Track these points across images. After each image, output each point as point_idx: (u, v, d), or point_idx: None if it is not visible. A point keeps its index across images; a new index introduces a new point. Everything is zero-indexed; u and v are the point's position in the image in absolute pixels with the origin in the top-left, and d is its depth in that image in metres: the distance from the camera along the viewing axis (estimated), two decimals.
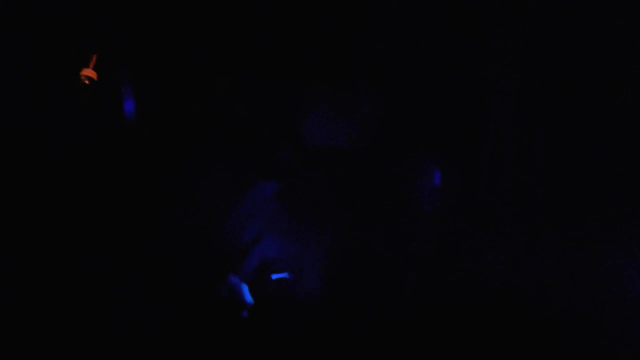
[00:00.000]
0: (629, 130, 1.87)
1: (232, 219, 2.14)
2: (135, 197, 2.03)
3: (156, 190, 2.08)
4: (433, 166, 2.17)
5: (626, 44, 1.90)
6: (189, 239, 2.05)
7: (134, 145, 2.12)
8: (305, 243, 2.17)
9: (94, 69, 2.05)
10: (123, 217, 1.97)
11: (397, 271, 2.14)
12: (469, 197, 2.14)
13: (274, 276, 2.15)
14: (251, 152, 2.20)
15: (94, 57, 2.05)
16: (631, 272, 1.75)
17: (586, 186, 1.93)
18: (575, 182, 1.95)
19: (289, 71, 2.16)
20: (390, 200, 2.18)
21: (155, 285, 1.94)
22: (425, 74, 2.19)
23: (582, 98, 1.98)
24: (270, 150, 2.23)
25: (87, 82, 2.03)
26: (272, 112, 2.23)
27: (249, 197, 2.16)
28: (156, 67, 2.14)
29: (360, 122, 2.19)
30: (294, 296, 2.12)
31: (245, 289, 2.04)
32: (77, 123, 2.01)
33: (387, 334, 2.04)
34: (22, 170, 1.84)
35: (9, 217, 1.76)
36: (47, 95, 1.93)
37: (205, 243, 2.08)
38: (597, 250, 1.81)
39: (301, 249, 2.16)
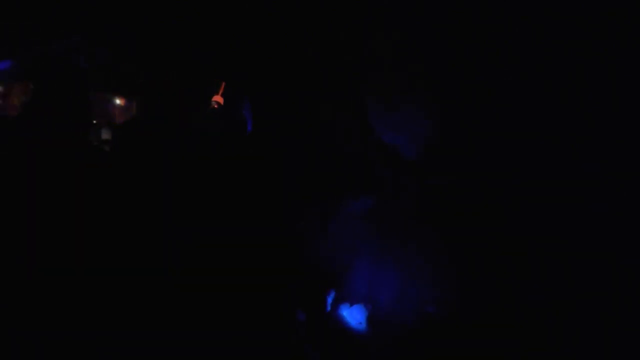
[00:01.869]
0: None
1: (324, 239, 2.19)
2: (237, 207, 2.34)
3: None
4: None
5: None
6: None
7: (248, 157, 2.43)
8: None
9: (222, 95, 2.47)
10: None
11: None
12: None
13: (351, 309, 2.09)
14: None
15: (223, 85, 2.46)
16: None
17: None
18: None
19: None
20: None
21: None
22: None
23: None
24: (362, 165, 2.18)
25: (216, 106, 2.47)
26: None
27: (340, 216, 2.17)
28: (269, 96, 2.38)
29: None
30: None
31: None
32: (207, 137, 2.46)
33: None
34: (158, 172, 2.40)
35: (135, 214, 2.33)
36: (185, 118, 2.45)
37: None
38: None
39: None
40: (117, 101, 2.59)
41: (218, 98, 2.45)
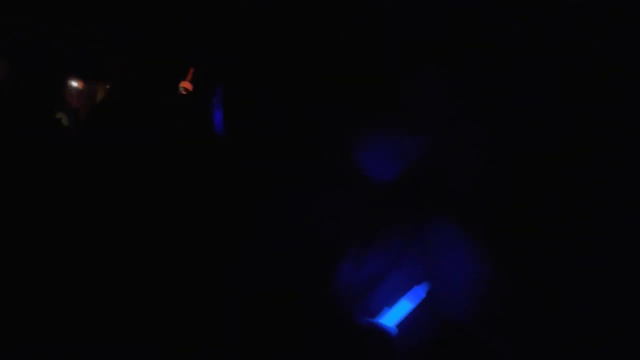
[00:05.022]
0: None
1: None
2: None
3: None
4: None
5: None
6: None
7: (222, 150, 2.39)
8: None
9: (190, 81, 2.41)
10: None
11: None
12: None
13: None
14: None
15: (191, 71, 2.40)
16: None
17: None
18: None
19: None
20: None
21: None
22: None
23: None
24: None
25: (184, 92, 2.41)
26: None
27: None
28: (245, 81, 2.33)
29: None
30: None
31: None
32: (173, 126, 2.40)
33: None
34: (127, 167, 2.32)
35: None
36: (151, 102, 2.38)
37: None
38: None
39: None
40: (74, 84, 2.46)
41: (186, 84, 2.39)
